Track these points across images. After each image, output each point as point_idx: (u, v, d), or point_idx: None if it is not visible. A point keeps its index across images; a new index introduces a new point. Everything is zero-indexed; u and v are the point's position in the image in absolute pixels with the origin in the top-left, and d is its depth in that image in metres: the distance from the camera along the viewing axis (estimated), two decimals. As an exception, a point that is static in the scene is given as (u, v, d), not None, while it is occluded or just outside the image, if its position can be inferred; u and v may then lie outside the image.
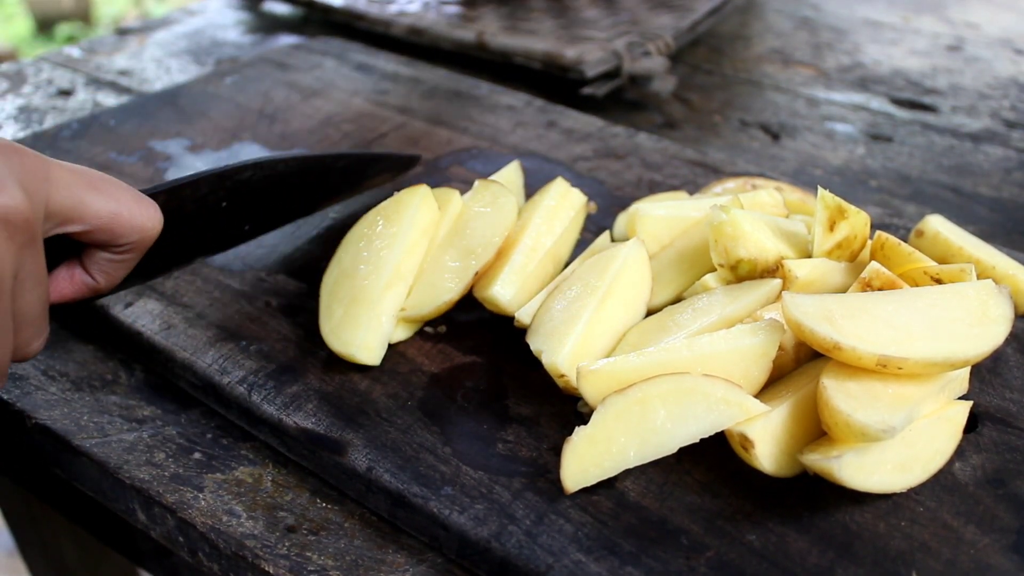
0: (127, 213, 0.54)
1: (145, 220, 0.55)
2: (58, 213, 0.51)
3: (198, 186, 0.62)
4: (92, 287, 0.57)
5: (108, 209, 0.53)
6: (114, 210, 0.53)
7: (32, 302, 0.51)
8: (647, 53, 1.07)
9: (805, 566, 0.49)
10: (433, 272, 0.65)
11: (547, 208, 0.68)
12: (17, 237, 0.47)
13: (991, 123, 1.03)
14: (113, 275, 0.57)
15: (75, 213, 0.52)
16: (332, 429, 0.58)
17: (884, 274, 0.58)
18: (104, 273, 0.57)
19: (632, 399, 0.52)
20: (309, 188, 0.71)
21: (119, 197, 0.54)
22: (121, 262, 0.57)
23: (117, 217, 0.54)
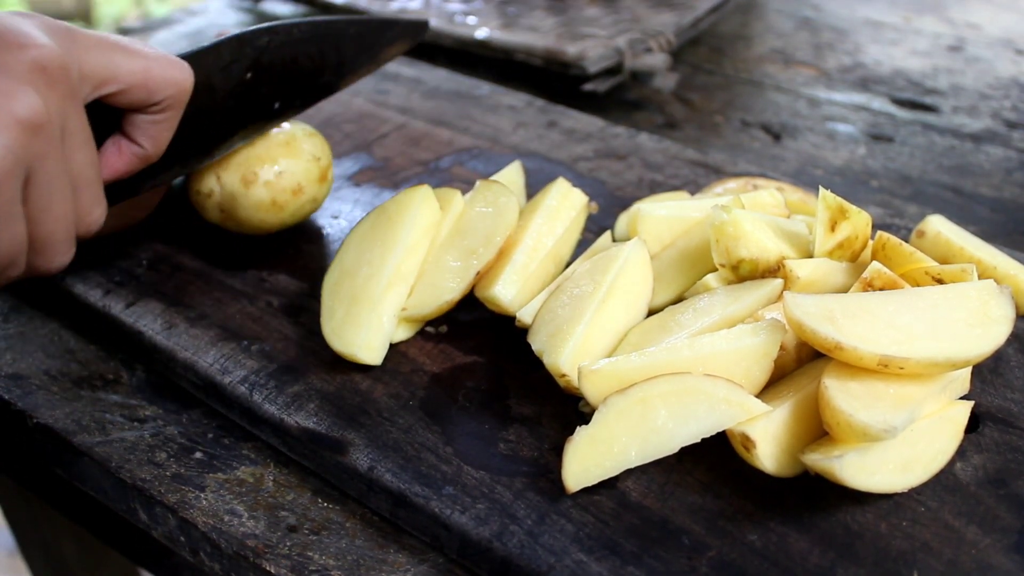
0: (158, 68, 0.55)
1: (176, 73, 0.56)
2: (91, 75, 0.52)
3: (220, 52, 0.63)
4: (141, 155, 0.58)
5: (139, 66, 0.54)
6: (144, 66, 0.54)
7: (83, 163, 0.51)
8: (648, 49, 1.07)
9: (806, 566, 0.49)
10: (434, 272, 0.65)
11: (548, 208, 0.68)
12: (57, 86, 0.48)
13: (992, 123, 1.03)
14: (158, 137, 0.58)
15: (107, 73, 0.53)
16: (333, 429, 0.58)
17: (886, 274, 0.58)
18: (149, 137, 0.58)
19: (633, 399, 0.52)
20: (326, 59, 0.72)
21: (147, 55, 0.55)
22: (162, 121, 0.58)
23: (149, 72, 0.54)
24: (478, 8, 1.20)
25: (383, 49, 0.78)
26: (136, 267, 0.71)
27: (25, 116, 0.46)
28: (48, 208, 0.50)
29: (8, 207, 0.47)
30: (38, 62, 0.47)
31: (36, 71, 0.47)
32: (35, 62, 0.47)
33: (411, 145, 0.89)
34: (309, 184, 0.72)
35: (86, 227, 0.54)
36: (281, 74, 0.69)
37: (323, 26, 0.71)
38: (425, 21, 0.83)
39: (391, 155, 0.87)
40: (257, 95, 0.67)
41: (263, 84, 0.67)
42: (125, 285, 0.69)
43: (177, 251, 0.73)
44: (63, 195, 0.50)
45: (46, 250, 0.51)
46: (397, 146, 0.89)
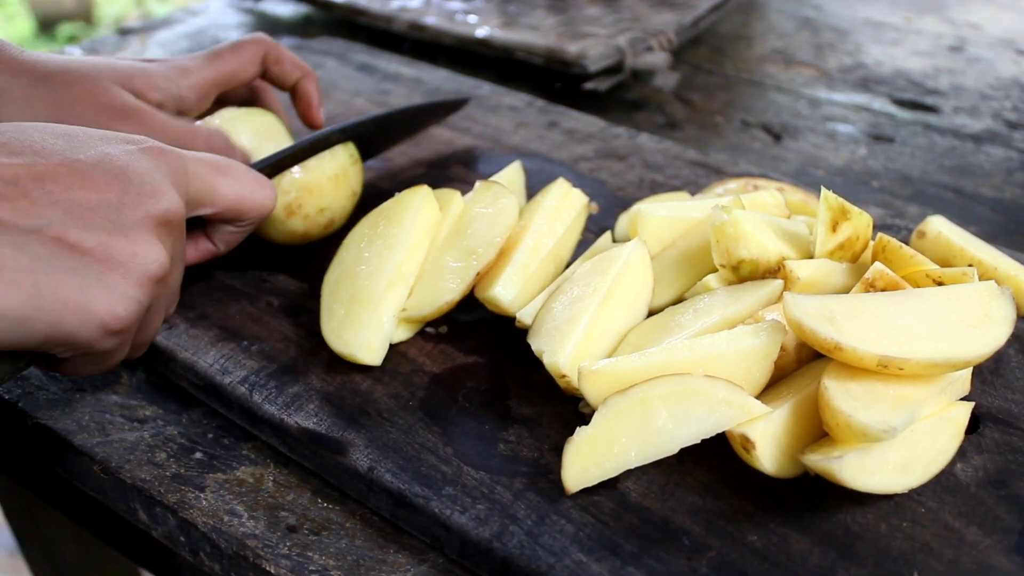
0: (249, 195, 0.61)
1: (264, 199, 0.63)
2: (194, 200, 0.58)
3: (296, 156, 0.70)
4: (213, 253, 0.65)
5: (234, 192, 0.60)
6: (239, 193, 0.60)
7: (177, 278, 0.57)
8: (649, 48, 1.07)
9: (807, 567, 0.49)
10: (434, 272, 0.65)
11: (548, 209, 0.68)
12: (175, 231, 0.54)
13: (993, 124, 1.03)
14: (233, 243, 0.65)
15: (208, 198, 0.59)
16: (333, 429, 0.58)
17: (887, 275, 0.58)
18: (225, 242, 0.65)
19: (633, 400, 0.52)
20: (377, 140, 0.81)
21: (243, 180, 0.61)
22: (240, 233, 0.64)
23: (242, 199, 0.61)
24: (479, 7, 1.20)
25: (424, 125, 0.87)
26: (136, 267, 0.71)
27: (155, 273, 0.51)
28: (149, 327, 0.56)
29: (129, 338, 0.52)
30: (166, 217, 0.52)
31: (163, 225, 0.52)
32: (164, 216, 0.52)
33: (411, 145, 0.89)
34: (341, 218, 0.75)
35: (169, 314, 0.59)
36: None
37: (384, 119, 0.80)
38: (467, 99, 0.92)
39: (392, 155, 0.87)
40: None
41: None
42: (125, 285, 0.69)
43: (177, 251, 0.73)
44: (162, 312, 0.56)
45: (136, 351, 0.57)
46: (398, 146, 0.89)
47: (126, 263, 0.50)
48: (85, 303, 0.48)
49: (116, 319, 0.49)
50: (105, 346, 0.50)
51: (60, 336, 0.48)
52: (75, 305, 0.48)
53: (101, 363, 0.53)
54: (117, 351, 0.53)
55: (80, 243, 0.48)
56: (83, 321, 0.48)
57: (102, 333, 0.49)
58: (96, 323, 0.48)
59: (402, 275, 0.64)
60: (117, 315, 0.49)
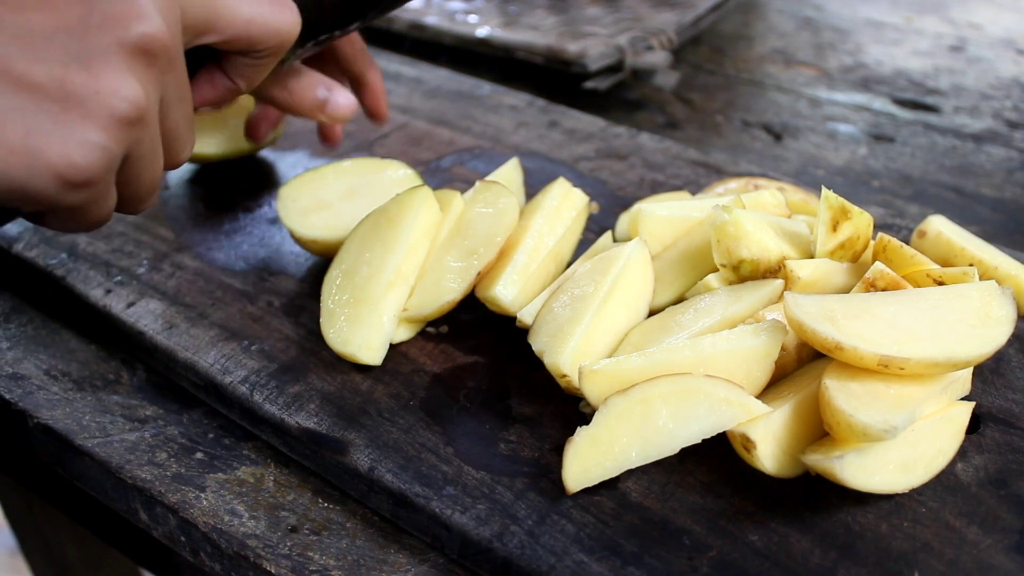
0: (261, 19, 0.53)
1: (281, 24, 0.54)
2: (194, 25, 0.49)
3: None
4: (233, 90, 0.57)
5: (243, 16, 0.52)
6: (249, 16, 0.52)
7: (177, 119, 0.50)
8: (650, 47, 1.07)
9: (808, 566, 0.49)
10: (435, 272, 0.65)
11: (549, 208, 0.68)
12: (158, 64, 0.45)
13: (993, 124, 1.03)
14: (252, 78, 0.57)
15: (210, 23, 0.51)
16: (334, 429, 0.58)
17: (888, 275, 0.58)
18: (244, 77, 0.56)
19: (634, 399, 0.52)
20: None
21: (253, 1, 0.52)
22: (260, 65, 0.56)
23: (252, 24, 0.52)
24: (479, 7, 1.20)
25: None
26: (137, 267, 0.71)
27: (125, 111, 0.44)
28: (139, 177, 0.48)
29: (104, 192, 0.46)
30: (143, 43, 0.44)
31: (140, 54, 0.44)
32: (140, 43, 0.44)
33: (412, 145, 0.89)
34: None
35: (173, 166, 0.52)
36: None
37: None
38: None
39: (392, 155, 0.87)
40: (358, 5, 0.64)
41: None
42: (126, 285, 0.69)
43: (177, 251, 0.73)
44: (155, 161, 0.49)
45: (133, 203, 0.50)
46: (398, 146, 0.89)
47: (86, 101, 0.42)
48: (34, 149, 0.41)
49: (74, 169, 0.42)
50: (71, 200, 0.44)
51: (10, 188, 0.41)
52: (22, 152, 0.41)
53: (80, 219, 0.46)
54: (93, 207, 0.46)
55: (29, 77, 0.41)
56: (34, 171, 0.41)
57: (61, 186, 0.42)
58: (50, 174, 0.42)
59: (402, 275, 0.64)
60: (75, 164, 0.42)
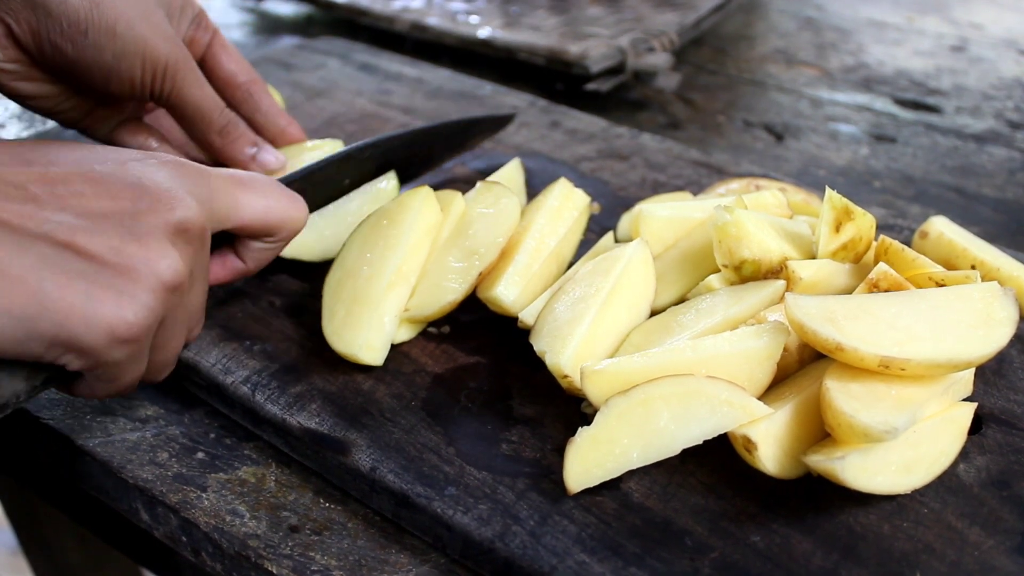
0: (277, 209, 0.59)
1: (293, 213, 0.60)
2: (218, 215, 0.55)
3: (326, 169, 0.67)
4: (242, 271, 0.62)
5: (261, 207, 0.58)
6: (266, 207, 0.58)
7: (198, 295, 0.55)
8: (651, 49, 1.07)
9: (809, 567, 0.49)
10: (436, 273, 0.65)
11: (550, 209, 0.68)
12: (194, 242, 0.52)
13: (995, 124, 1.03)
14: (262, 261, 0.62)
15: (233, 213, 0.56)
16: (336, 429, 0.58)
17: (891, 275, 0.58)
18: (254, 259, 0.62)
19: (635, 400, 0.52)
20: (416, 156, 0.78)
21: (269, 194, 0.59)
22: (271, 250, 0.62)
23: (269, 213, 0.58)
24: (480, 7, 1.20)
25: (468, 141, 0.84)
26: (138, 267, 0.71)
27: (169, 280, 0.49)
28: (169, 342, 0.54)
29: (143, 351, 0.51)
30: (182, 225, 0.51)
31: (180, 233, 0.51)
32: (180, 224, 0.50)
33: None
34: None
35: (190, 342, 0.58)
36: (373, 175, 0.74)
37: (420, 133, 0.77)
38: (511, 115, 0.89)
39: (393, 155, 0.87)
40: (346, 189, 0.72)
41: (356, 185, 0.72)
42: (127, 285, 0.69)
43: (179, 251, 0.73)
44: (183, 330, 0.54)
45: (159, 370, 0.55)
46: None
47: (138, 268, 0.48)
48: (92, 306, 0.47)
49: (125, 325, 0.48)
50: (115, 356, 0.49)
51: (66, 339, 0.47)
52: (81, 307, 0.46)
53: (115, 379, 0.51)
54: (130, 365, 0.51)
55: (90, 248, 0.47)
56: (90, 325, 0.47)
57: (111, 340, 0.48)
58: (104, 328, 0.47)
59: (403, 275, 0.64)
60: (127, 320, 0.48)
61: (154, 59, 0.66)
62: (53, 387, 0.53)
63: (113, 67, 0.65)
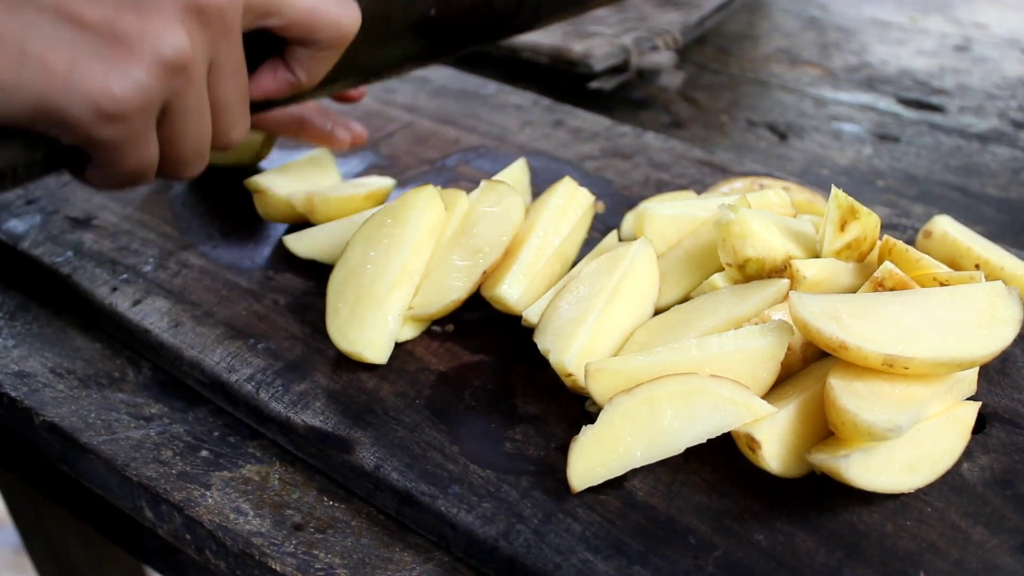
0: (323, 8, 0.55)
1: (342, 16, 0.56)
2: (256, 6, 0.52)
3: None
4: (294, 83, 0.59)
5: (305, 3, 0.54)
6: (311, 5, 0.54)
7: (230, 91, 0.52)
8: (655, 48, 1.07)
9: (813, 566, 0.49)
10: (441, 271, 0.65)
11: (555, 207, 0.68)
12: (212, 25, 0.48)
13: (999, 123, 1.03)
14: (314, 71, 0.58)
15: (271, 6, 0.53)
16: (340, 427, 0.58)
17: (897, 274, 0.58)
18: (305, 69, 0.58)
19: (639, 399, 0.52)
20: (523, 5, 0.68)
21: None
22: (321, 58, 0.58)
23: (313, 11, 0.55)
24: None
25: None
26: (143, 265, 0.71)
27: (169, 58, 0.46)
28: (182, 135, 0.51)
29: (140, 134, 0.48)
30: (195, 3, 0.47)
31: (192, 11, 0.47)
32: (192, 2, 0.47)
33: (417, 144, 0.89)
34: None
35: (224, 142, 0.55)
36: (470, 12, 0.65)
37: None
38: None
39: (397, 154, 0.87)
40: (439, 31, 0.64)
41: (447, 21, 0.64)
42: (131, 283, 0.70)
43: (183, 249, 0.73)
44: (200, 122, 0.51)
45: (179, 164, 0.52)
46: (403, 145, 0.89)
47: (132, 40, 0.45)
48: (75, 75, 0.44)
49: (110, 98, 0.45)
50: (105, 134, 0.46)
51: (47, 109, 0.44)
52: (64, 78, 0.44)
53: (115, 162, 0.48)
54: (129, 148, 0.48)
55: (82, 15, 0.44)
56: (71, 95, 0.44)
57: (96, 114, 0.45)
58: (86, 99, 0.44)
59: (407, 274, 0.64)
60: (112, 94, 0.45)
61: None
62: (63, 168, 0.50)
63: None
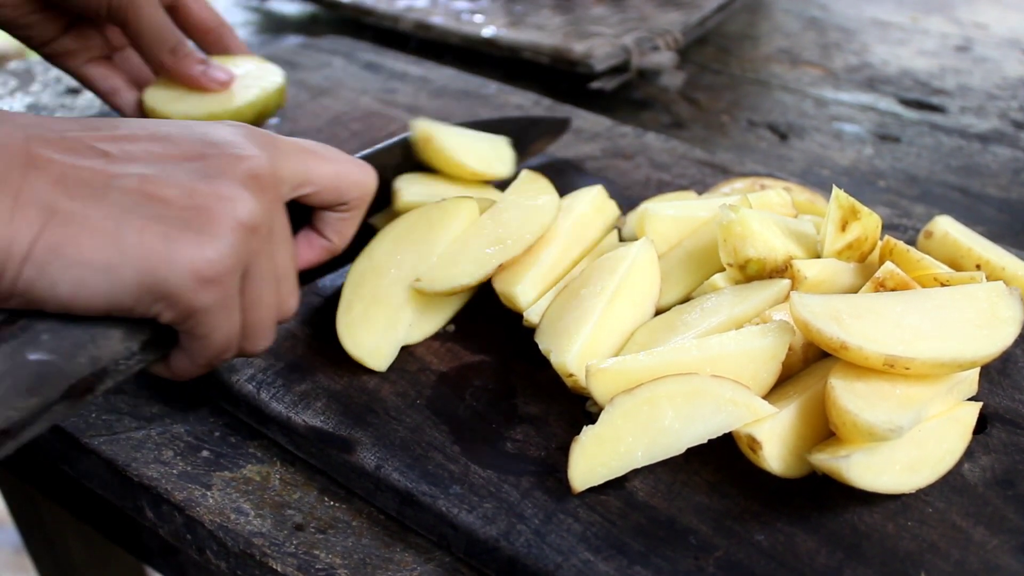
0: (346, 172, 0.60)
1: (363, 176, 0.61)
2: (290, 178, 0.56)
3: (393, 152, 0.70)
4: (329, 248, 0.62)
5: (331, 170, 0.59)
6: (335, 171, 0.59)
7: (285, 258, 0.56)
8: (655, 48, 1.07)
9: (814, 566, 0.49)
10: (458, 251, 0.64)
11: (581, 215, 0.67)
12: (267, 192, 0.52)
13: (999, 124, 1.03)
14: (344, 232, 0.62)
15: (304, 177, 0.57)
16: (341, 427, 0.58)
17: (898, 275, 0.58)
18: (336, 232, 0.62)
19: (640, 399, 0.52)
20: None
21: (338, 159, 0.60)
22: (349, 219, 0.62)
23: (339, 176, 0.59)
24: (485, 6, 1.20)
25: (528, 146, 0.83)
26: (143, 265, 0.71)
27: (246, 219, 0.50)
28: (260, 299, 0.54)
29: (232, 299, 0.51)
30: (253, 171, 0.52)
31: (251, 179, 0.51)
32: (250, 171, 0.51)
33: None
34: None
35: (284, 314, 0.57)
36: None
37: (480, 125, 0.78)
38: (567, 119, 0.88)
39: (398, 154, 0.87)
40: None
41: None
42: (132, 283, 0.69)
43: (184, 249, 0.73)
44: (271, 287, 0.54)
45: (255, 336, 0.55)
46: (404, 145, 0.89)
47: (212, 208, 0.49)
48: (173, 247, 0.47)
49: (207, 262, 0.48)
50: (204, 300, 0.49)
51: (151, 284, 0.46)
52: (162, 250, 0.47)
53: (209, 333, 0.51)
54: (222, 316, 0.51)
55: (163, 194, 0.48)
56: (172, 265, 0.47)
57: (196, 280, 0.48)
58: (187, 267, 0.47)
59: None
60: (208, 258, 0.48)
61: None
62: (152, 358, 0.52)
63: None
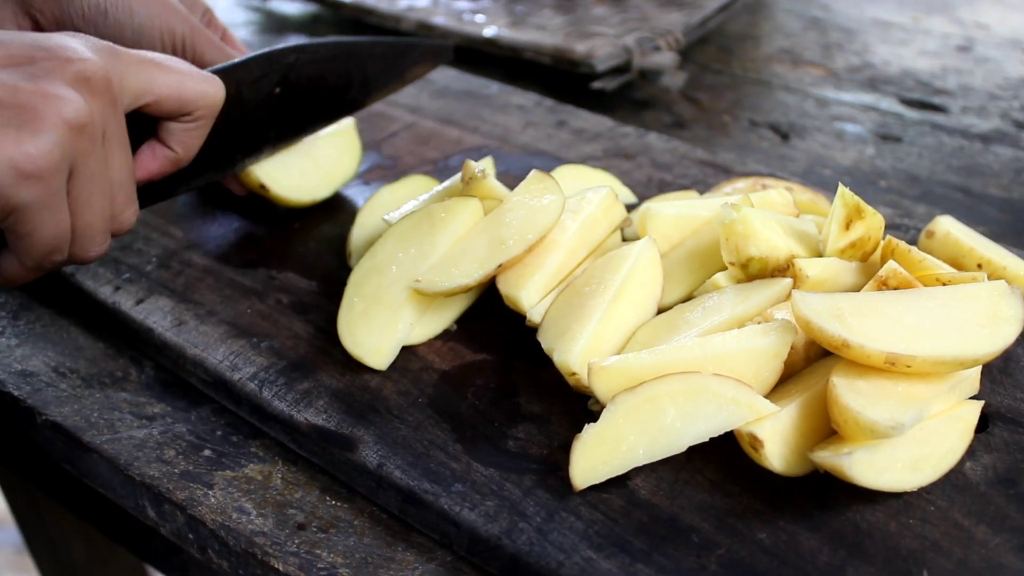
0: (191, 82, 0.60)
1: (208, 87, 0.61)
2: (131, 87, 0.56)
3: (249, 68, 0.67)
4: (173, 159, 0.62)
5: (174, 80, 0.59)
6: (179, 80, 0.59)
7: (120, 165, 0.56)
8: (657, 48, 1.07)
9: (816, 564, 0.49)
10: (460, 251, 0.64)
11: (588, 217, 0.66)
12: (99, 96, 0.53)
13: (1001, 124, 1.03)
14: (189, 143, 0.62)
15: (145, 86, 0.58)
16: (343, 426, 0.58)
17: (901, 273, 0.58)
18: (181, 143, 0.62)
19: (642, 397, 0.52)
20: (352, 76, 0.76)
21: (181, 70, 0.60)
22: (194, 129, 0.62)
23: (183, 86, 0.59)
24: (486, 6, 1.20)
25: (408, 69, 0.82)
26: (146, 264, 0.71)
27: (71, 117, 0.51)
28: (88, 202, 0.54)
29: (55, 197, 0.52)
30: (83, 73, 0.52)
31: (81, 80, 0.52)
32: (80, 72, 0.52)
33: (420, 144, 0.89)
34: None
35: (119, 224, 0.58)
36: (309, 90, 0.72)
37: (349, 46, 0.75)
38: (451, 46, 0.86)
39: (400, 154, 0.87)
40: (285, 109, 0.71)
41: (291, 99, 0.71)
42: (135, 282, 0.70)
43: (186, 248, 0.74)
44: (102, 191, 0.55)
45: (85, 240, 0.56)
46: (406, 145, 0.89)
47: (36, 106, 0.50)
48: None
49: (26, 157, 0.49)
50: (24, 196, 0.50)
51: None
52: None
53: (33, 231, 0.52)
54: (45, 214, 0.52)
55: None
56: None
57: (15, 175, 0.49)
58: (6, 163, 0.48)
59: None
60: (27, 152, 0.49)
61: (171, 31, 0.68)
62: None
63: (134, 43, 0.67)
